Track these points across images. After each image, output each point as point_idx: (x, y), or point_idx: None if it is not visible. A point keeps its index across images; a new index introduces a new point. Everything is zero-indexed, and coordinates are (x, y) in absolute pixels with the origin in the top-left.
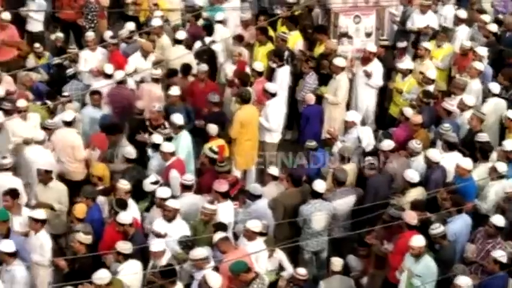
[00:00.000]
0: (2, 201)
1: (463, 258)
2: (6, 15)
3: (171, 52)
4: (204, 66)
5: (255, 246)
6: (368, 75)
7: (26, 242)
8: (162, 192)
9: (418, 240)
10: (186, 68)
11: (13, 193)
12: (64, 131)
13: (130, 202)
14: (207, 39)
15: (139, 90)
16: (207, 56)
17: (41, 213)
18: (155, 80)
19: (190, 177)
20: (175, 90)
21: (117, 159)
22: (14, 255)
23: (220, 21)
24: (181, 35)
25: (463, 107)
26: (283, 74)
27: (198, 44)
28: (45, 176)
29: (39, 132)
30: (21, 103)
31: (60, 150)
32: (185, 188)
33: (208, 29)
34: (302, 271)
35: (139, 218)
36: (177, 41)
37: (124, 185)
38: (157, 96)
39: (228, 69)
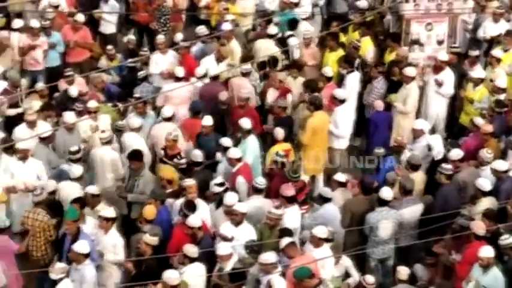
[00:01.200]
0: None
1: None
2: (80, 17)
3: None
4: (245, 93)
5: (321, 252)
6: (439, 84)
7: (97, 242)
8: (229, 198)
9: (487, 251)
10: (275, 61)
11: (81, 202)
12: (164, 126)
13: (201, 203)
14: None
15: (229, 84)
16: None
17: (110, 212)
18: (244, 74)
19: (262, 181)
20: (208, 120)
21: (137, 189)
22: (87, 255)
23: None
24: (273, 30)
25: None
26: (353, 81)
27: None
28: (91, 200)
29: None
30: (92, 104)
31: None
32: (256, 191)
33: (292, 24)
34: (370, 279)
35: (209, 219)
36: (269, 36)
37: (189, 181)
38: (247, 90)
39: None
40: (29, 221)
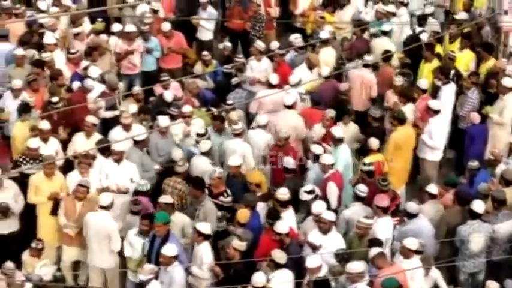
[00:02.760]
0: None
1: None
2: (166, 26)
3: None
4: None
5: (411, 263)
6: None
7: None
8: (318, 206)
9: None
10: (388, 57)
11: (151, 217)
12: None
13: (289, 211)
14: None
15: (349, 77)
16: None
17: (206, 227)
18: (366, 66)
19: (364, 188)
20: (235, 160)
21: (198, 219)
22: (176, 257)
23: (385, 33)
24: (387, 27)
25: None
26: (448, 92)
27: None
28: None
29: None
30: (187, 108)
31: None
32: (357, 198)
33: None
34: None
35: (294, 227)
36: (383, 33)
37: (282, 194)
38: (369, 80)
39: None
40: (169, 188)
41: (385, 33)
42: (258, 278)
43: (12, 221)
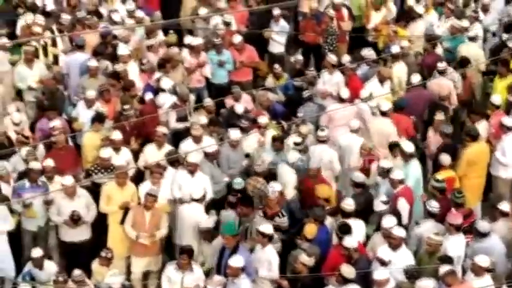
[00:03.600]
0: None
1: None
2: (237, 38)
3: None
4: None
5: (482, 282)
6: None
7: (253, 257)
8: (388, 221)
9: None
10: (464, 61)
11: (190, 252)
12: (382, 120)
13: (359, 225)
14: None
15: (429, 86)
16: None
17: (268, 228)
18: (441, 73)
19: (436, 205)
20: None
21: (250, 238)
22: (242, 269)
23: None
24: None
25: None
26: None
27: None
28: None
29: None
30: (263, 120)
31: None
32: (430, 214)
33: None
34: None
35: (363, 240)
36: (470, 39)
37: (348, 205)
38: (448, 87)
39: None
40: (250, 187)
41: (472, 39)
42: None
43: (83, 230)
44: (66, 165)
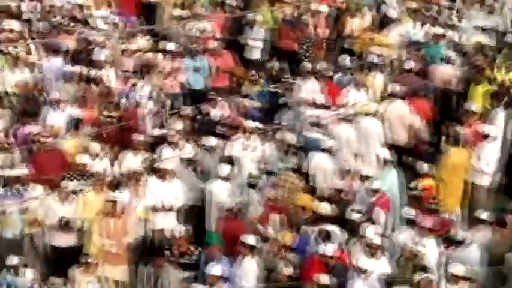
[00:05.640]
0: None
1: None
2: (214, 43)
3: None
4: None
5: None
6: None
7: (236, 267)
8: (366, 230)
9: None
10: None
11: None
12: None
13: (337, 232)
14: None
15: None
16: None
17: (251, 239)
18: (445, 61)
19: (412, 212)
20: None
21: None
22: (223, 278)
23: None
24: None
25: None
26: (500, 116)
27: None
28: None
29: None
30: (250, 124)
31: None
32: (407, 222)
33: None
34: None
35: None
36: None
37: (324, 209)
38: (450, 75)
39: None
40: (281, 182)
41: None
42: None
43: (71, 235)
44: (52, 169)
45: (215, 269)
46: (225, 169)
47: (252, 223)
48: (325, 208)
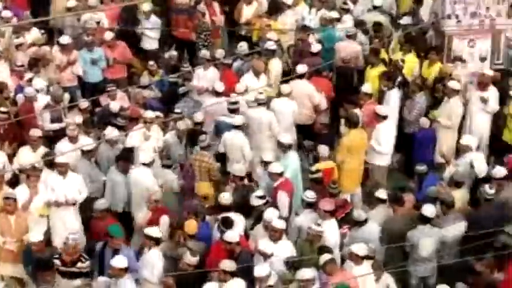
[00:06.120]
0: None
1: None
2: (108, 35)
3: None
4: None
5: (362, 269)
6: (484, 101)
7: (139, 257)
8: (269, 214)
9: None
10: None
11: None
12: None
13: (239, 219)
14: None
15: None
16: None
17: (155, 231)
18: (349, 37)
19: (312, 195)
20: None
21: None
22: (126, 270)
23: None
24: (317, 47)
25: None
26: (394, 96)
27: None
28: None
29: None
30: (149, 114)
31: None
32: (307, 205)
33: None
34: None
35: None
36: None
37: (225, 199)
38: (355, 51)
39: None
40: (197, 163)
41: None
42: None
43: None
44: None
45: (117, 260)
46: (147, 155)
47: (141, 227)
48: (225, 197)
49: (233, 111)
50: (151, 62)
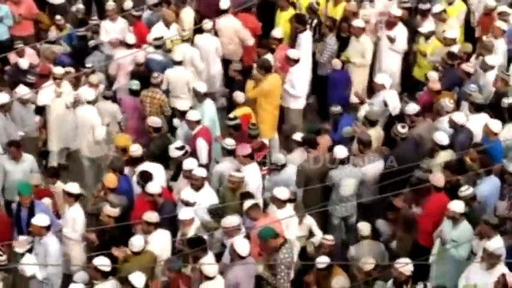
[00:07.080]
0: None
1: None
2: None
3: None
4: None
5: (284, 213)
6: (391, 40)
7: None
8: (188, 163)
9: (456, 205)
10: None
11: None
12: (227, 17)
13: (159, 169)
14: None
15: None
16: None
17: (74, 187)
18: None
19: (231, 142)
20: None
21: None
22: (48, 228)
23: None
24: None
25: (485, 67)
26: (306, 40)
27: None
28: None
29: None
30: (58, 70)
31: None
32: (227, 152)
33: None
34: (329, 236)
35: (164, 185)
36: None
37: (133, 151)
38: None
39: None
40: (148, 99)
41: None
42: (136, 241)
43: None
44: None
45: (37, 219)
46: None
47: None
48: (134, 149)
49: (159, 47)
50: (58, 17)
